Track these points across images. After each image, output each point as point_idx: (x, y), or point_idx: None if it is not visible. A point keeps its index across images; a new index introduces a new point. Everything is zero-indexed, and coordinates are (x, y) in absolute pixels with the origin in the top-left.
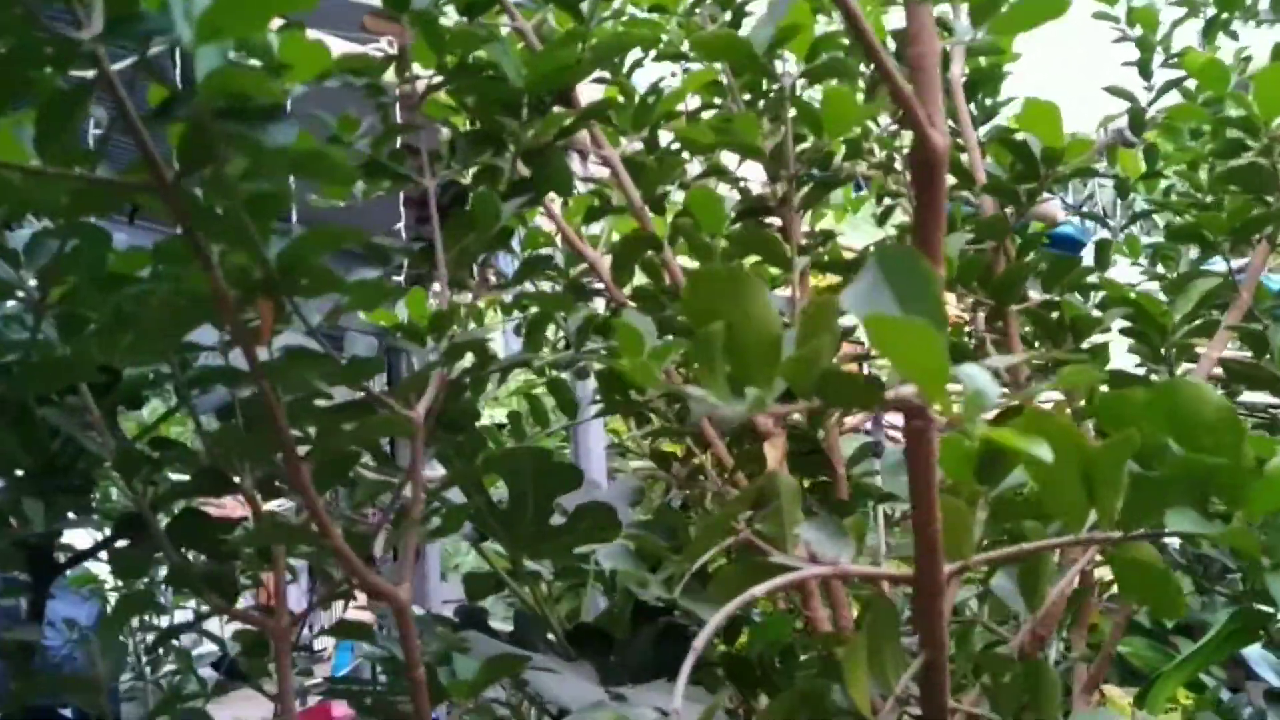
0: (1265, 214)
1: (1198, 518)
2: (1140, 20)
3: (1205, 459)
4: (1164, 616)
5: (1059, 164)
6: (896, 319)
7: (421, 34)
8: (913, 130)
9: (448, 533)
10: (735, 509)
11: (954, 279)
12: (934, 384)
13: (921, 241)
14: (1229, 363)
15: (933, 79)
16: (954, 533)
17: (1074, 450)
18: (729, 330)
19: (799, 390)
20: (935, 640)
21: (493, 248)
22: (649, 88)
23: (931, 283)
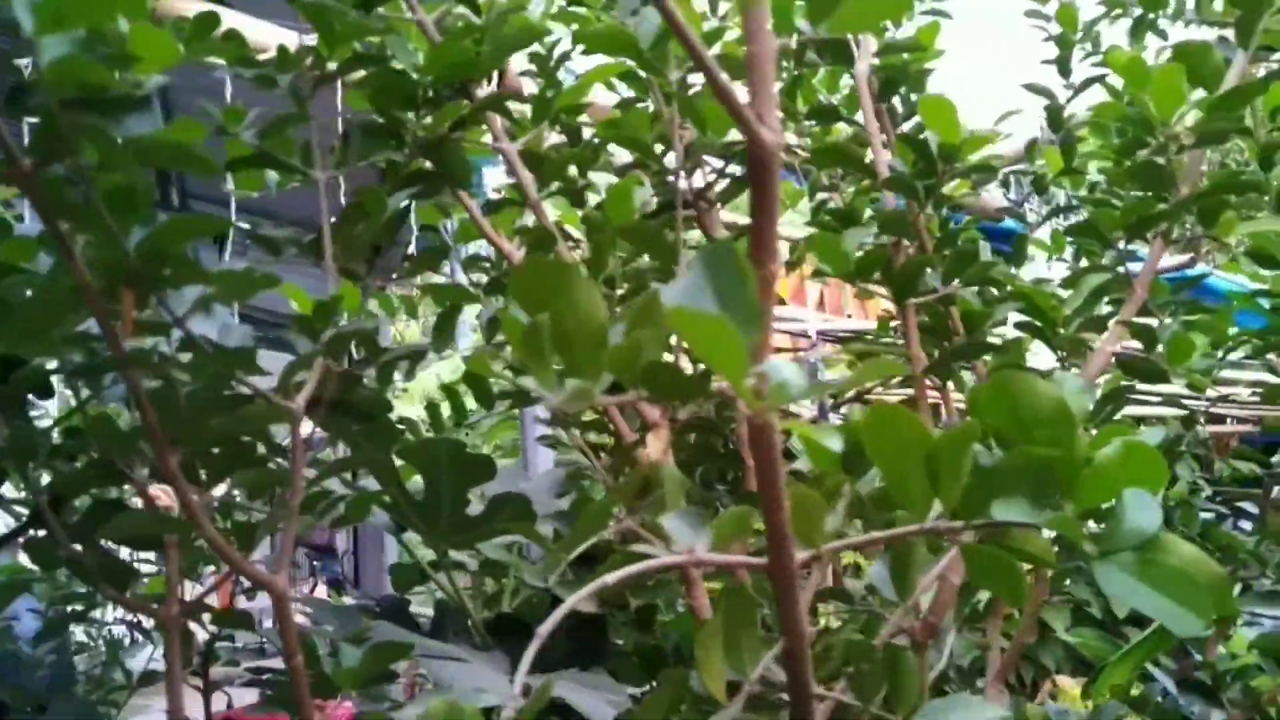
0: (1159, 211)
1: (1026, 507)
2: (1060, 18)
3: (1037, 450)
4: (1011, 605)
5: (957, 160)
6: (697, 313)
7: (312, 24)
8: (741, 128)
9: (353, 521)
10: (616, 499)
11: (851, 273)
12: (734, 375)
13: (755, 238)
14: (1123, 356)
15: (766, 77)
16: (804, 521)
17: (917, 442)
18: (555, 321)
19: (624, 380)
20: (793, 627)
21: (383, 238)
22: (547, 82)
23: (748, 280)
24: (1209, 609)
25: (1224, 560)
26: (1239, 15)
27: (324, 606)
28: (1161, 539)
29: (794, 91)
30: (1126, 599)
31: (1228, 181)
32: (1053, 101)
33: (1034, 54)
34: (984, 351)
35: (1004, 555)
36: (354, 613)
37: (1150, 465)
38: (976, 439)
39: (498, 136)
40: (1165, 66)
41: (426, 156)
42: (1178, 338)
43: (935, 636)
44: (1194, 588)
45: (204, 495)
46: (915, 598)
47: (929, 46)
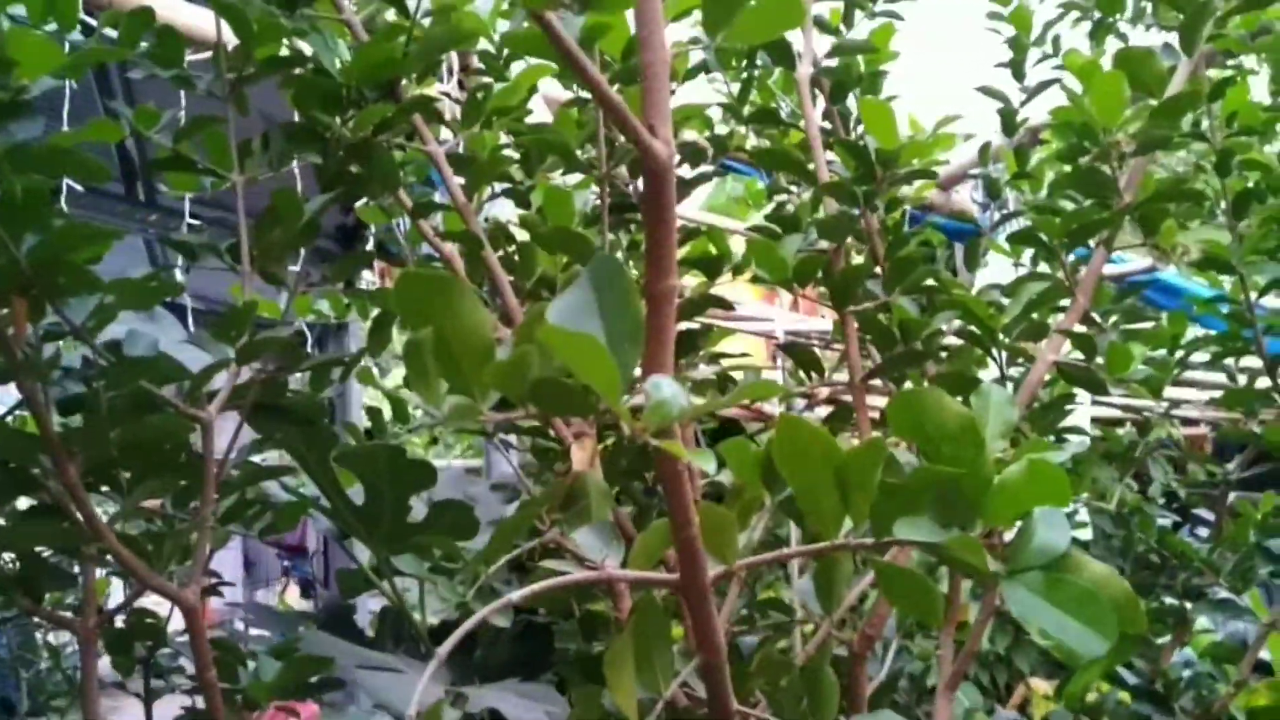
0: (1100, 218)
1: (929, 526)
2: (1014, 21)
3: (942, 469)
4: (927, 623)
5: (895, 165)
6: (569, 333)
7: (229, 25)
8: (631, 140)
9: (280, 529)
10: (535, 510)
11: (788, 280)
12: (609, 394)
13: (652, 250)
14: (1063, 365)
15: (661, 86)
16: (717, 537)
17: (826, 458)
18: (439, 336)
19: (511, 397)
20: (709, 643)
21: (300, 243)
22: (477, 85)
23: (632, 297)
24: (1113, 629)
25: (1178, 568)
26: (1181, 21)
27: (265, 612)
28: (1070, 558)
29: (745, 94)
30: (1032, 619)
31: (1169, 189)
32: (1006, 105)
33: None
34: (921, 359)
35: (917, 575)
36: (295, 620)
37: (1054, 484)
38: (884, 455)
39: (425, 139)
40: (1106, 72)
41: (352, 159)
42: (1115, 348)
43: (873, 648)
44: (1099, 608)
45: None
46: (842, 611)
47: (882, 49)
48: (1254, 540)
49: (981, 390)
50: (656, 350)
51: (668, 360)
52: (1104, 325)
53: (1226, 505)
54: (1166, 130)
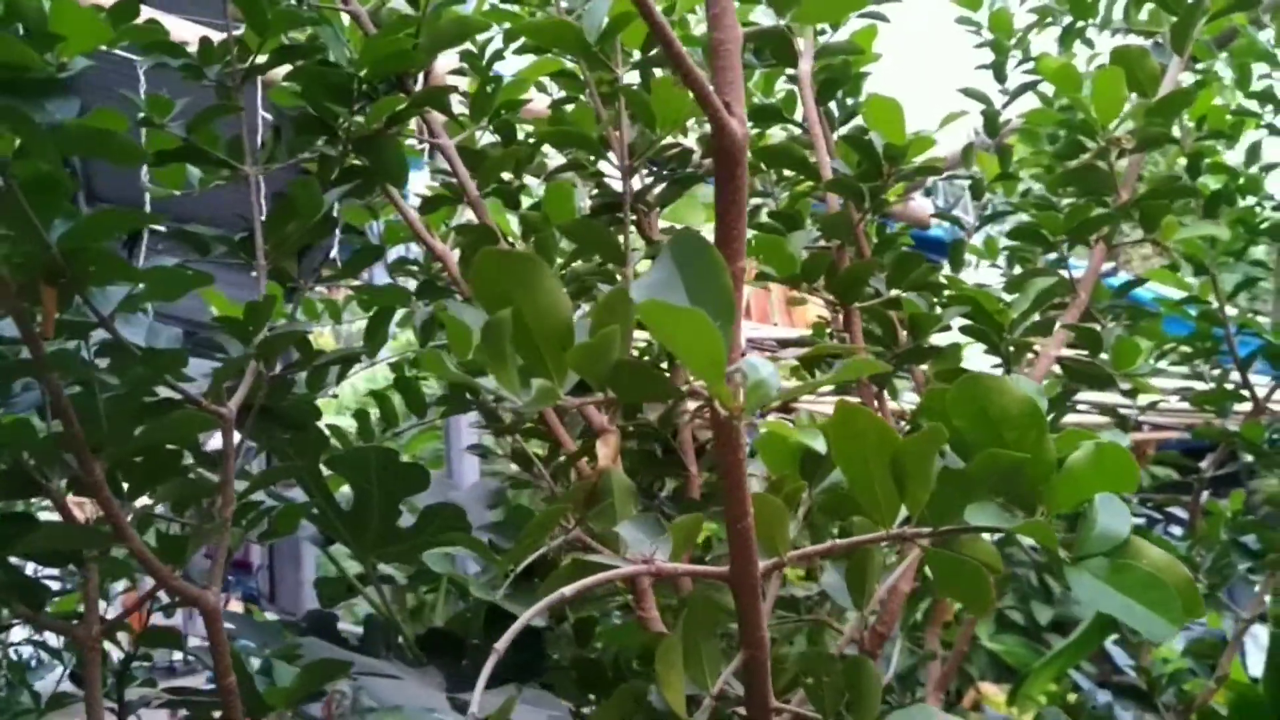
0: (1101, 215)
1: (998, 512)
2: (994, 25)
3: (1008, 454)
4: (975, 613)
5: (902, 162)
6: (673, 308)
7: (243, 13)
8: (709, 118)
9: (281, 535)
10: (562, 508)
11: (796, 276)
12: (713, 373)
13: (723, 232)
14: (1067, 361)
15: (733, 65)
16: (768, 529)
17: (883, 445)
18: (517, 318)
19: (592, 380)
20: (754, 638)
21: (315, 238)
22: (484, 79)
23: (720, 273)
24: (1179, 613)
25: None
26: (1174, 22)
27: (246, 622)
28: (1133, 543)
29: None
30: (1098, 604)
31: (1167, 186)
32: (989, 107)
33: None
34: (930, 356)
35: (972, 562)
36: (276, 629)
37: (1123, 468)
38: (943, 442)
39: (435, 133)
40: (1105, 70)
41: (361, 152)
42: (1123, 342)
43: (883, 646)
44: (1164, 592)
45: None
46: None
47: (866, 50)
48: (1227, 537)
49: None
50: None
51: (740, 344)
52: (1104, 321)
53: (1200, 504)
54: (1162, 127)
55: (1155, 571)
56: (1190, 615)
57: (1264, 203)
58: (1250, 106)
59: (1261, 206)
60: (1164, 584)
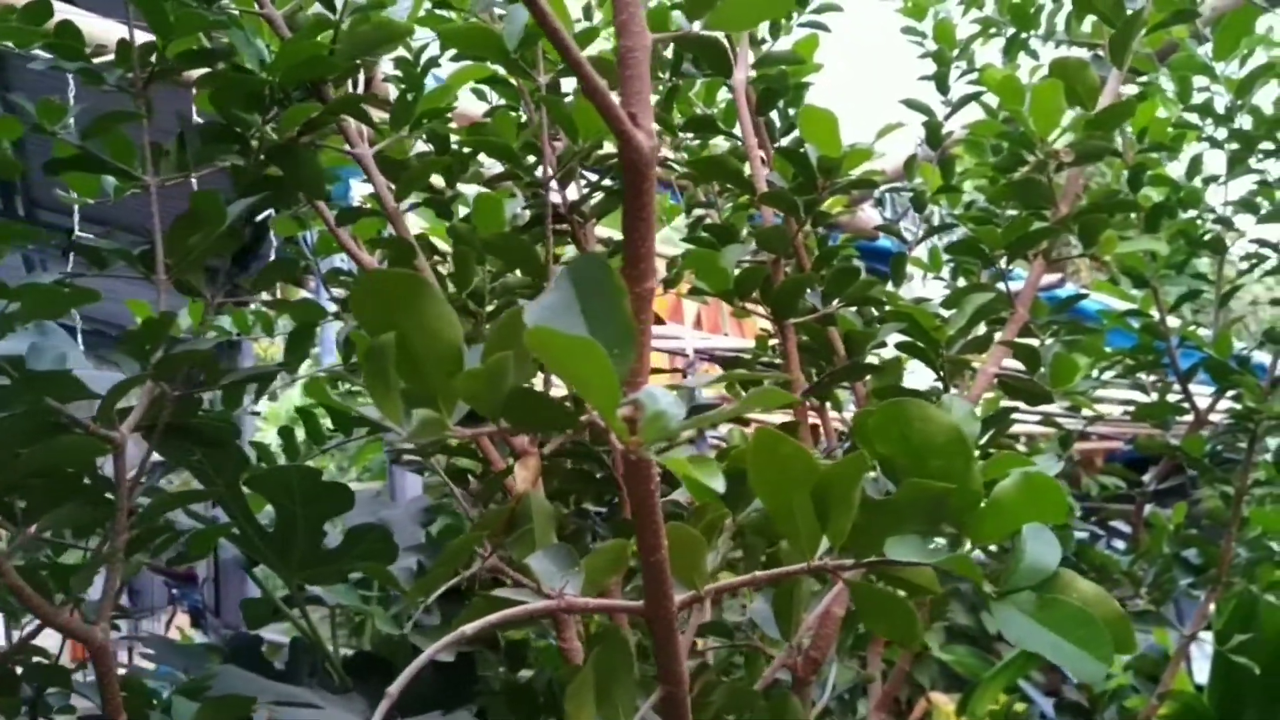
0: (1039, 230)
1: (920, 545)
2: (937, 35)
3: (931, 484)
4: (903, 646)
5: (837, 174)
6: (561, 336)
7: (144, 15)
8: (613, 131)
9: (193, 558)
10: (477, 536)
11: (729, 291)
12: (606, 405)
13: (630, 250)
14: (1005, 377)
15: (641, 75)
16: (685, 562)
17: (804, 473)
18: (403, 341)
19: (482, 410)
20: (672, 674)
21: (223, 249)
22: (407, 85)
23: (620, 298)
24: (1109, 651)
25: (1099, 580)
26: (1112, 34)
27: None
28: (1062, 576)
29: (670, 103)
30: (1025, 642)
31: (1106, 200)
32: (931, 118)
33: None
34: (866, 373)
35: (897, 596)
36: (201, 653)
37: (1050, 497)
38: (866, 471)
39: (353, 142)
40: (1044, 83)
41: (274, 162)
42: (1061, 359)
43: (818, 672)
44: (1094, 629)
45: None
46: (800, 635)
47: (807, 60)
48: (1169, 551)
49: (944, 403)
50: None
51: (647, 370)
52: (1042, 337)
53: (1143, 517)
54: (1102, 141)
55: (1085, 606)
56: (1122, 651)
57: (1204, 215)
58: (1192, 119)
59: (1202, 219)
60: (1093, 620)
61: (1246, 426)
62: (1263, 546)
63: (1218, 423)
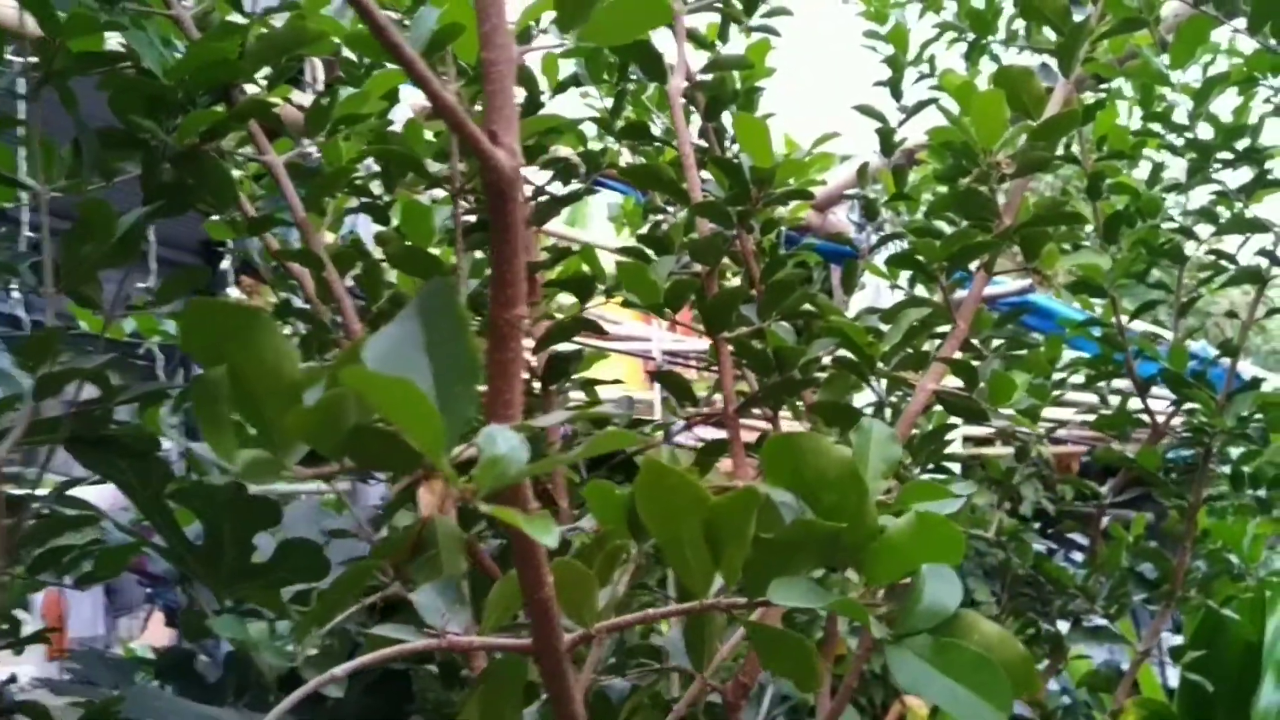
0: (981, 241)
1: (808, 588)
2: (891, 40)
3: (822, 524)
4: (803, 689)
5: (770, 185)
6: (375, 376)
7: (32, 15)
8: (472, 149)
9: (103, 577)
10: (375, 563)
11: (659, 305)
12: (432, 448)
13: (497, 275)
14: (943, 394)
15: (504, 90)
16: (574, 597)
17: (694, 507)
18: (235, 376)
19: (321, 449)
20: (565, 713)
21: (114, 262)
22: (324, 89)
23: (464, 330)
24: (1007, 699)
25: (1054, 593)
26: (1059, 42)
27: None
28: (962, 618)
29: (618, 108)
30: (920, 689)
31: (1050, 212)
32: (884, 125)
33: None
34: (799, 388)
35: (791, 635)
36: (128, 667)
37: (946, 539)
38: (757, 505)
39: (263, 149)
40: (985, 92)
41: (180, 169)
42: (999, 377)
43: (748, 696)
44: (992, 674)
45: None
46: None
47: (758, 65)
48: (1126, 565)
49: (862, 426)
50: (503, 388)
51: (515, 400)
52: (985, 352)
53: (1100, 528)
54: (1045, 151)
55: (987, 649)
56: (1024, 692)
57: (1164, 224)
58: (1155, 128)
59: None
60: (991, 665)
61: (1201, 440)
62: (1221, 560)
63: (1176, 434)
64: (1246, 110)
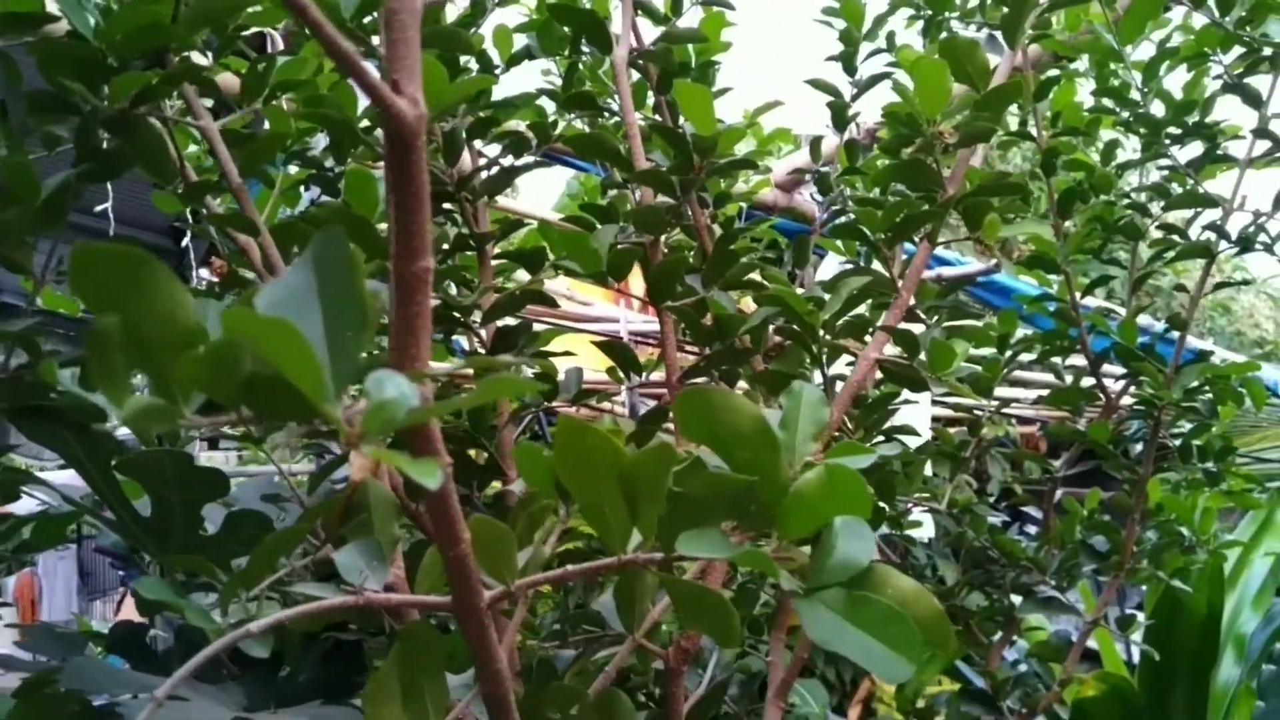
0: (922, 212)
1: (717, 539)
2: (845, 14)
3: (733, 477)
4: (724, 645)
5: (714, 153)
6: (255, 318)
7: None
8: (371, 100)
9: (41, 547)
10: (305, 527)
11: (601, 274)
12: (314, 393)
13: (399, 228)
14: (885, 363)
15: (407, 39)
16: (491, 555)
17: (611, 465)
18: (128, 324)
19: (216, 397)
20: (489, 673)
21: (39, 227)
22: (259, 55)
23: (356, 279)
24: (918, 650)
25: (1007, 565)
26: (1003, 15)
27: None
28: (875, 572)
29: (570, 81)
30: (832, 642)
31: (992, 183)
32: (837, 99)
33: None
34: (742, 358)
35: (710, 592)
36: (79, 641)
37: (854, 492)
38: (673, 462)
39: (198, 114)
40: (928, 63)
41: (112, 133)
42: (937, 345)
43: (690, 661)
44: (904, 628)
45: None
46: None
47: (713, 39)
48: (1080, 537)
49: (792, 389)
50: (408, 343)
51: (422, 353)
52: (929, 322)
53: (1054, 502)
54: (988, 123)
55: (902, 603)
56: (938, 647)
57: (1119, 200)
58: (1108, 103)
59: (1114, 204)
60: (903, 619)
61: (1150, 413)
62: (1173, 532)
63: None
64: (1199, 86)
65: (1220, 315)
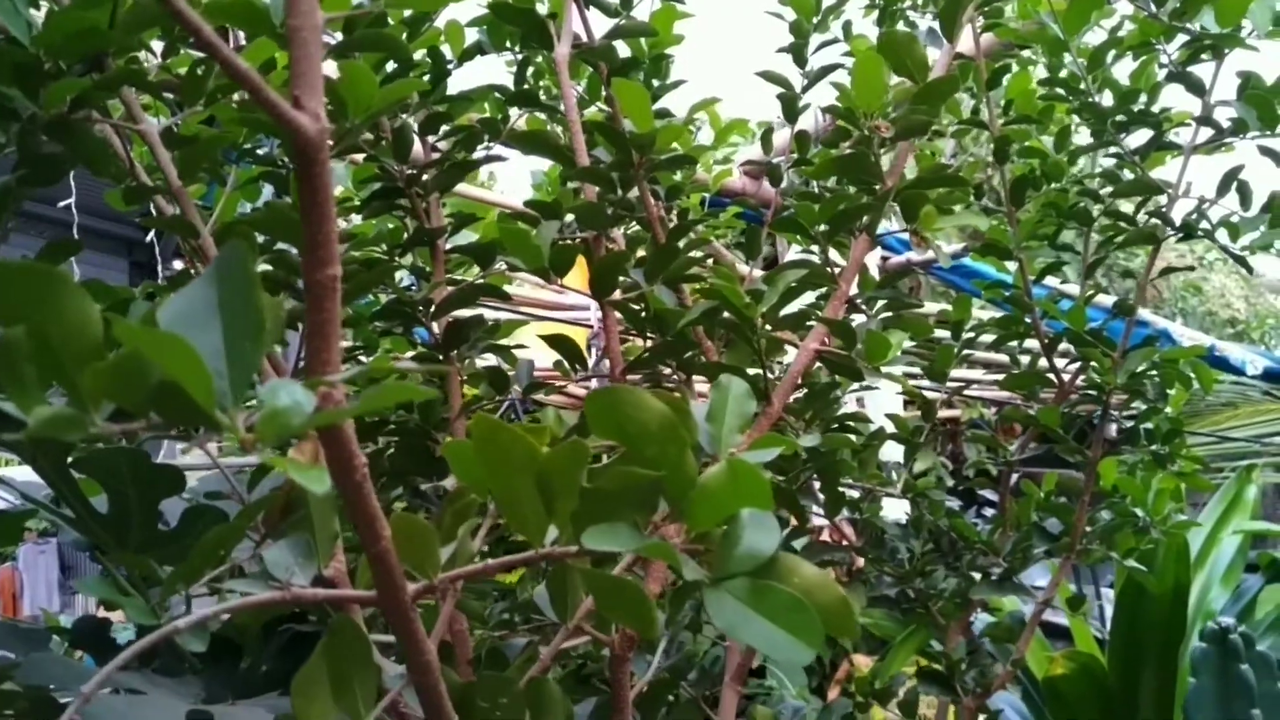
0: (860, 204)
1: (625, 532)
2: (795, 7)
3: (639, 472)
4: (643, 635)
5: (652, 150)
6: (142, 330)
7: None
8: (270, 116)
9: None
10: (243, 524)
11: (544, 268)
12: (201, 397)
13: (308, 236)
14: (825, 353)
15: (309, 55)
16: (413, 550)
17: (527, 462)
18: (37, 335)
19: (126, 405)
20: (418, 664)
21: None
22: (197, 59)
23: (253, 288)
24: (819, 638)
25: (962, 548)
26: (941, 6)
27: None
28: (781, 562)
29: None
30: (737, 631)
31: (931, 175)
32: (787, 90)
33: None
34: (682, 351)
35: (625, 581)
36: (42, 636)
37: (755, 486)
38: (587, 458)
39: (137, 117)
40: (865, 55)
41: (52, 137)
42: (874, 336)
43: (635, 648)
44: (806, 615)
45: None
46: (580, 616)
47: (665, 33)
48: (1035, 519)
49: (720, 382)
50: (320, 348)
51: (333, 359)
52: (869, 312)
53: (1010, 485)
54: (925, 115)
55: (805, 593)
56: (842, 635)
57: (1070, 188)
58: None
59: (1067, 191)
60: (805, 607)
61: (1099, 397)
62: (1126, 513)
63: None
64: (1145, 75)
65: (1192, 295)
